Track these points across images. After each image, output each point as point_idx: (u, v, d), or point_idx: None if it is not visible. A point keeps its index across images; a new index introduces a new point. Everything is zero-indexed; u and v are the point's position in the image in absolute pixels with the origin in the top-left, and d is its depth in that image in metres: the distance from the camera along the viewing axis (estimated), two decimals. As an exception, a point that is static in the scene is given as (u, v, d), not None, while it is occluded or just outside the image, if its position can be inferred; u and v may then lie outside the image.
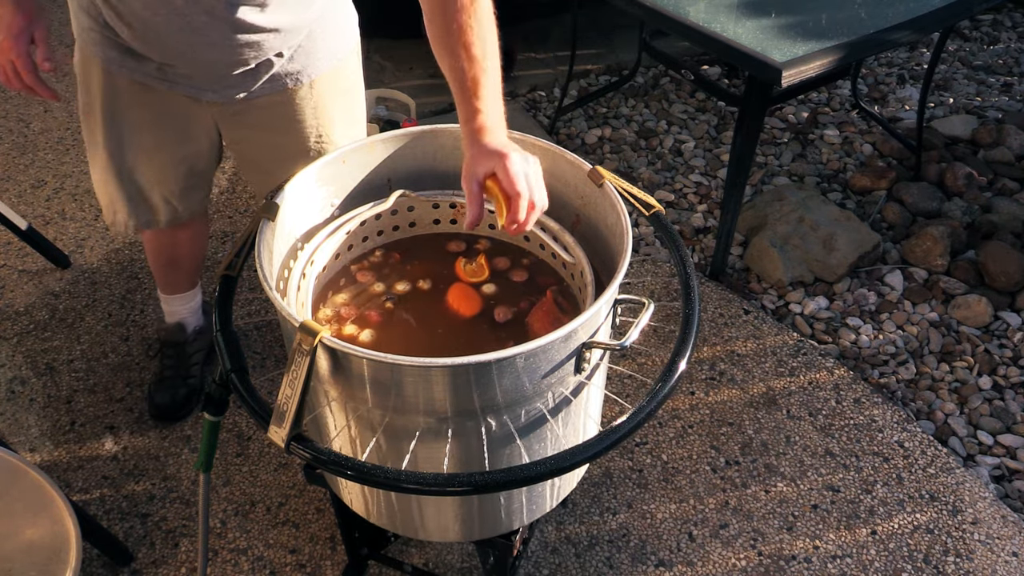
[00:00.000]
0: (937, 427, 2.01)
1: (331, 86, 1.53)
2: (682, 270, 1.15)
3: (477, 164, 1.10)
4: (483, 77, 1.11)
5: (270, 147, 1.57)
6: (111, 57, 1.44)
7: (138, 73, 1.45)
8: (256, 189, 1.72)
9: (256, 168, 1.66)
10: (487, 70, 1.11)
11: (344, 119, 1.59)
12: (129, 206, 1.65)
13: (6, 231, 2.35)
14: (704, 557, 1.71)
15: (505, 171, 1.06)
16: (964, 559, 1.71)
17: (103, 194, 1.66)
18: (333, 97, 1.54)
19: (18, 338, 2.17)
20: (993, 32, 3.62)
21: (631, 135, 2.98)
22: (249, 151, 1.62)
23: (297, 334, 0.96)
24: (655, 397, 1.01)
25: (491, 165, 1.08)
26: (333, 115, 1.56)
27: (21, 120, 3.01)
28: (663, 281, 2.36)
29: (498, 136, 1.11)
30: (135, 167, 1.60)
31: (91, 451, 1.90)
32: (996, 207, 2.55)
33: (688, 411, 2.00)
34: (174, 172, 1.62)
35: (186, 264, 1.93)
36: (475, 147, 1.10)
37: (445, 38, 1.12)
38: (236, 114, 1.51)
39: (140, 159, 1.58)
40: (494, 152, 1.08)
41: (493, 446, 1.08)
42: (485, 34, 1.12)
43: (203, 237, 1.92)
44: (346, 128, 1.60)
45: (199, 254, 1.94)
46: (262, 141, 1.57)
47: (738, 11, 2.07)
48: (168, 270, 1.93)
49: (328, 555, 1.70)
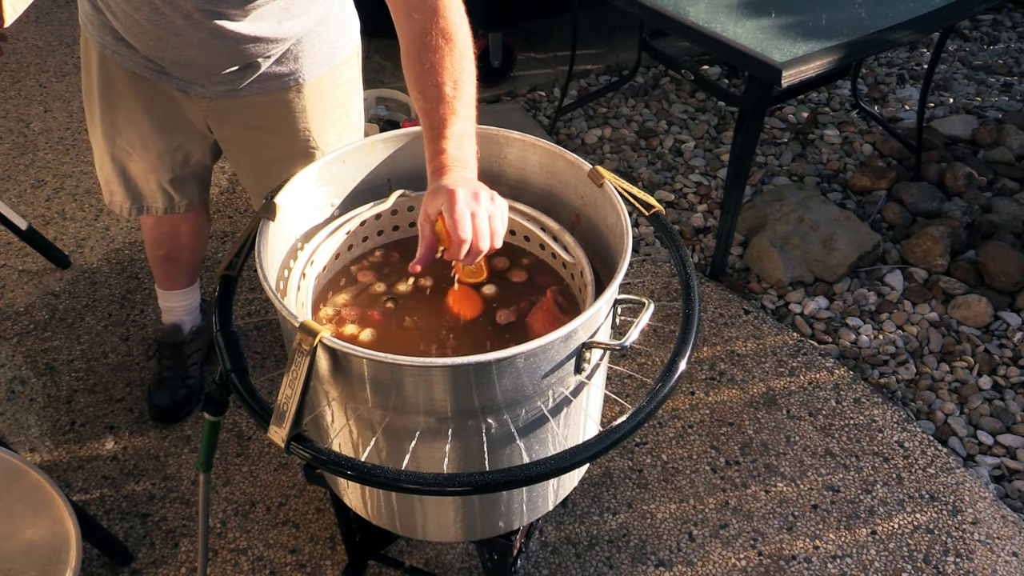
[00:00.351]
0: (937, 427, 2.01)
1: (323, 90, 1.51)
2: (682, 270, 1.15)
3: (428, 203, 1.03)
4: (452, 117, 1.07)
5: (258, 146, 1.57)
6: (106, 42, 1.45)
7: (129, 61, 1.45)
8: (248, 189, 1.72)
9: (246, 168, 1.65)
10: (457, 111, 1.07)
11: (337, 124, 1.58)
12: (125, 189, 1.67)
13: (6, 231, 2.35)
14: (704, 557, 1.71)
15: (450, 211, 0.99)
16: (964, 559, 1.71)
17: (101, 173, 1.68)
18: (325, 101, 1.53)
19: (18, 338, 2.17)
20: (993, 32, 3.62)
21: (631, 135, 2.98)
22: (237, 149, 1.61)
23: (297, 334, 0.96)
24: (655, 397, 1.01)
25: (439, 204, 1.01)
26: (324, 119, 1.55)
27: (21, 120, 3.01)
28: (663, 281, 2.36)
29: (455, 174, 1.04)
30: (129, 152, 1.60)
31: (91, 451, 1.90)
32: (996, 207, 2.55)
33: (688, 411, 2.00)
34: (169, 160, 1.62)
35: (185, 259, 1.92)
36: (431, 185, 1.05)
37: (418, 78, 1.10)
38: (224, 111, 1.51)
39: (134, 145, 1.59)
40: (443, 189, 1.01)
41: (493, 446, 1.08)
42: (459, 75, 1.08)
43: (203, 233, 1.91)
44: (340, 133, 1.59)
45: (199, 250, 1.93)
46: (250, 140, 1.56)
47: (738, 11, 2.07)
48: (166, 264, 1.92)
49: (328, 555, 1.70)
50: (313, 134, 1.55)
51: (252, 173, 1.64)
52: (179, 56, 1.38)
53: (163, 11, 1.28)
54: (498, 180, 1.36)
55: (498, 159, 1.34)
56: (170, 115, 1.55)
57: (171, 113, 1.54)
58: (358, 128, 1.66)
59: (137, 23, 1.33)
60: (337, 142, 1.58)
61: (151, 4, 1.28)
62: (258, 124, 1.52)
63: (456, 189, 1.00)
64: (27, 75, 3.29)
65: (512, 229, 1.36)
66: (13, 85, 3.21)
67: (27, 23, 3.63)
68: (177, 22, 1.30)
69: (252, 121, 1.52)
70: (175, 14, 1.29)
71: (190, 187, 1.70)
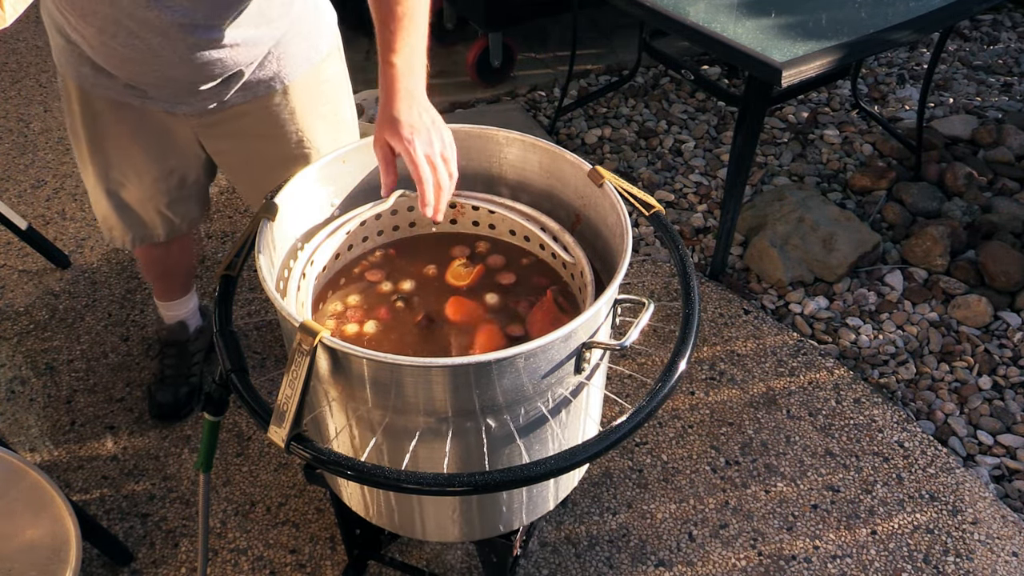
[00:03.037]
0: (937, 427, 2.01)
1: (309, 90, 1.50)
2: (682, 270, 1.15)
3: (382, 131, 1.17)
4: (401, 33, 1.15)
5: (252, 154, 1.55)
6: (84, 74, 1.42)
7: (111, 90, 1.43)
8: (246, 198, 1.71)
9: (242, 177, 1.64)
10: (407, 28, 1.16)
11: (328, 122, 1.57)
12: (124, 222, 1.65)
13: (6, 231, 2.35)
14: (704, 557, 1.71)
15: (409, 158, 1.14)
16: (964, 559, 1.71)
17: (98, 211, 1.66)
18: (313, 100, 1.52)
19: (18, 338, 2.17)
20: (993, 32, 3.62)
21: (631, 135, 2.98)
22: (232, 160, 1.60)
23: (297, 334, 0.96)
24: (655, 397, 1.01)
25: (396, 145, 1.15)
26: (315, 118, 1.53)
27: (21, 120, 3.01)
28: (663, 281, 2.36)
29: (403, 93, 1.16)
30: (124, 184, 1.59)
31: (91, 451, 1.90)
32: (996, 207, 2.55)
33: (688, 411, 2.00)
34: (164, 185, 1.60)
35: (179, 272, 1.95)
36: (383, 110, 1.17)
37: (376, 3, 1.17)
38: (213, 125, 1.50)
39: (128, 176, 1.57)
40: (396, 125, 1.15)
41: (493, 446, 1.08)
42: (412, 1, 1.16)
43: (193, 248, 1.92)
44: (331, 131, 1.57)
45: (190, 263, 1.97)
46: (243, 149, 1.55)
47: (738, 11, 2.07)
48: (162, 280, 1.95)
49: (328, 555, 1.70)
50: (306, 135, 1.53)
51: (250, 183, 1.62)
52: (161, 77, 1.35)
53: (139, 34, 1.25)
54: (498, 180, 1.36)
55: (498, 159, 1.34)
56: (160, 139, 1.53)
57: (161, 137, 1.53)
58: (351, 125, 1.64)
59: (114, 50, 1.30)
60: (331, 141, 1.56)
61: (126, 29, 1.25)
62: (250, 133, 1.51)
63: (412, 137, 1.14)
64: (27, 75, 3.29)
65: (512, 229, 1.36)
66: (13, 85, 3.21)
67: (27, 23, 3.63)
68: (154, 43, 1.27)
69: (243, 130, 1.50)
70: (151, 35, 1.26)
71: (189, 206, 1.69)
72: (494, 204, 1.33)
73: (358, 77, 1.72)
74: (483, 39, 3.07)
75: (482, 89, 3.20)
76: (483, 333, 1.20)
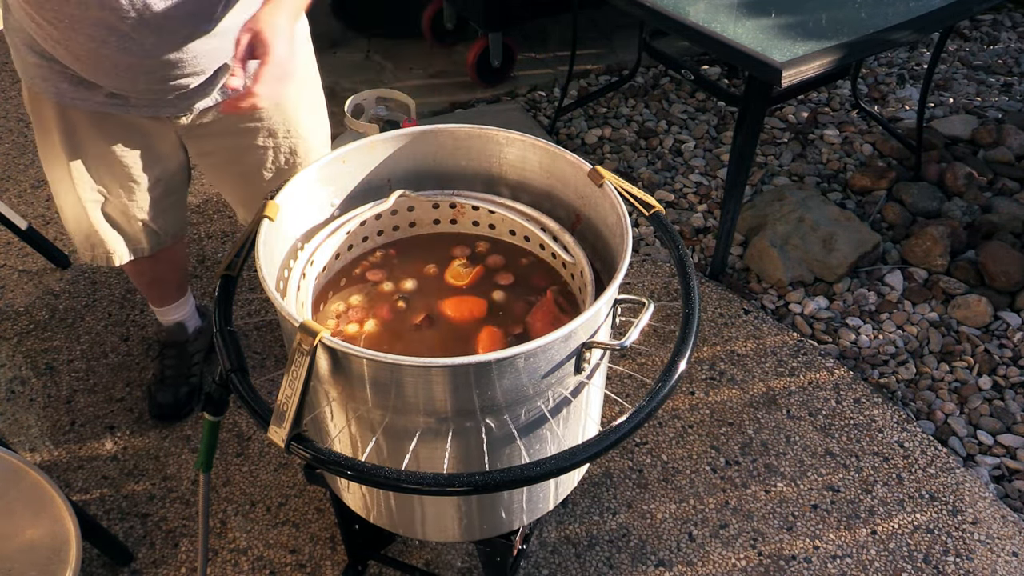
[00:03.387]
0: (937, 427, 2.01)
1: None
2: (682, 270, 1.15)
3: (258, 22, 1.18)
4: None
5: (241, 151, 1.56)
6: (62, 90, 1.40)
7: (92, 103, 1.41)
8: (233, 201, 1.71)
9: (230, 178, 1.64)
10: None
11: (306, 108, 1.60)
12: (110, 239, 1.63)
13: (6, 231, 2.35)
14: (704, 557, 1.71)
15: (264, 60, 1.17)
16: (964, 559, 1.71)
17: (77, 231, 1.63)
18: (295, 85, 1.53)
19: (18, 338, 2.17)
20: (993, 32, 3.62)
21: (631, 135, 2.98)
22: (219, 162, 1.60)
23: (297, 334, 0.96)
24: (655, 397, 1.01)
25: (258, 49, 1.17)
26: (296, 106, 1.56)
27: (21, 120, 3.01)
28: (663, 281, 2.36)
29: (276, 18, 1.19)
30: (108, 198, 1.57)
31: (91, 451, 1.90)
32: (996, 207, 2.55)
33: (688, 411, 2.00)
34: (151, 195, 1.60)
35: (170, 281, 1.93)
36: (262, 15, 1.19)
37: None
38: (199, 125, 1.50)
39: (111, 189, 1.56)
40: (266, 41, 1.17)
41: (493, 446, 1.08)
42: None
43: (180, 257, 1.91)
44: (310, 116, 1.61)
45: (181, 268, 1.94)
46: (231, 146, 1.55)
47: (738, 11, 2.07)
48: (153, 289, 1.95)
49: (328, 555, 1.70)
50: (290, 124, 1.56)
51: (239, 181, 1.62)
52: (151, 78, 1.35)
53: (132, 36, 1.25)
54: (498, 180, 1.36)
55: (498, 159, 1.34)
56: (145, 148, 1.53)
57: (146, 145, 1.52)
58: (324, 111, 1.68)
59: (106, 58, 1.29)
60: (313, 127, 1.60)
61: (119, 33, 1.25)
62: (236, 128, 1.52)
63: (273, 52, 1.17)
64: (27, 75, 3.29)
65: (512, 229, 1.36)
66: (13, 85, 3.21)
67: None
68: (148, 43, 1.27)
69: (229, 127, 1.51)
70: (144, 33, 1.25)
71: (174, 218, 1.69)
72: (494, 204, 1.33)
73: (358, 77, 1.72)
74: (483, 39, 3.07)
75: (482, 89, 3.20)
76: (483, 333, 1.20)
